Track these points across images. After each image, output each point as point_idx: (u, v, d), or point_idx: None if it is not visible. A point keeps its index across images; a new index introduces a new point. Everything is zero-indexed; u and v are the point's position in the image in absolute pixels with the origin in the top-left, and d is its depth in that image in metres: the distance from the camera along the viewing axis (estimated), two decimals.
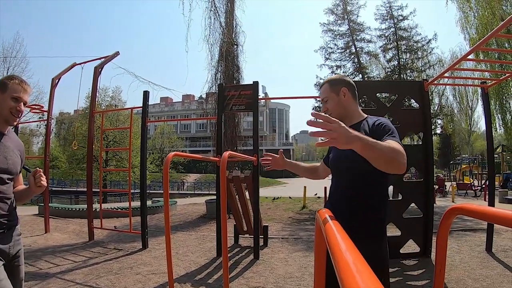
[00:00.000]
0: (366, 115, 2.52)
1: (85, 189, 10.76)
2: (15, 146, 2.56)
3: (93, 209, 9.27)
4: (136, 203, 11.31)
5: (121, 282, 5.56)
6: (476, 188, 20.97)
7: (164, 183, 3.79)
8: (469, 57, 6.66)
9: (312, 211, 13.55)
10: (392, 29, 23.06)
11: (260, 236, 7.51)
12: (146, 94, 8.30)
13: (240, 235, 8.35)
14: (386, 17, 23.28)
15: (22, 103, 2.49)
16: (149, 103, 8.53)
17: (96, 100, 10.39)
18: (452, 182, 24.52)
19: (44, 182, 2.51)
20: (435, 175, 14.08)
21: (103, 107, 30.18)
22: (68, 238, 9.16)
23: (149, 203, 13.55)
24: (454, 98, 33.86)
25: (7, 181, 2.42)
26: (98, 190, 10.05)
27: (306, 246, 7.84)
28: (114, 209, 13.45)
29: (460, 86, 28.42)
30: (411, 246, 6.71)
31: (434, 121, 20.89)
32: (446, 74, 7.31)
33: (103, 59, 9.64)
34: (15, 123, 2.57)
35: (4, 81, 2.48)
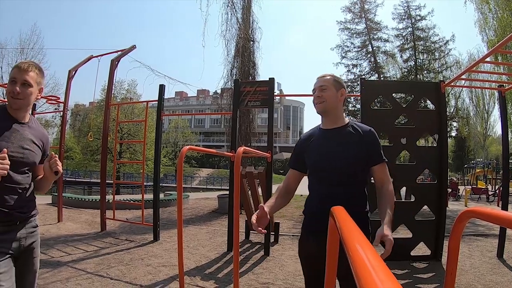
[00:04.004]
0: (349, 120, 2.67)
1: (98, 180, 10.87)
2: (36, 136, 2.49)
3: (106, 200, 9.36)
4: (149, 196, 11.38)
5: (132, 273, 5.62)
6: (490, 193, 20.67)
7: (178, 176, 3.81)
8: (487, 59, 6.57)
9: None
10: (410, 29, 22.79)
11: (271, 233, 7.52)
12: (162, 88, 8.33)
13: (251, 231, 8.36)
14: (403, 17, 23.03)
15: (19, 84, 2.35)
16: (164, 97, 8.57)
17: (112, 92, 10.46)
18: (466, 186, 24.20)
19: (59, 167, 2.42)
20: (448, 178, 13.89)
21: (119, 100, 30.37)
22: (80, 228, 9.26)
23: (161, 196, 13.62)
24: (471, 100, 33.35)
25: (23, 171, 2.38)
26: (112, 181, 10.12)
27: None
28: (127, 201, 13.53)
29: (476, 89, 28.13)
30: (421, 249, 6.64)
31: (449, 123, 20.66)
32: (463, 76, 7.24)
33: (119, 52, 9.71)
34: (17, 106, 2.38)
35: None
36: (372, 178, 2.60)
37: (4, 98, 21.95)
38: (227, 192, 10.23)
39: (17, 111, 2.40)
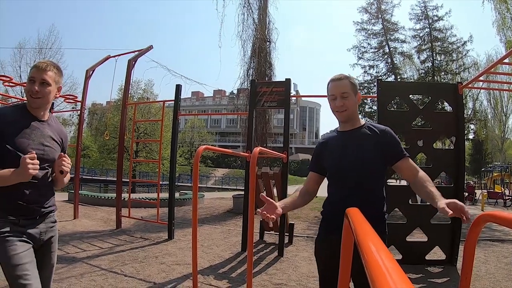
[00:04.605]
0: (365, 121, 2.67)
1: (114, 179, 11.01)
2: (55, 133, 2.57)
3: (122, 198, 9.45)
4: (164, 195, 11.44)
5: (146, 270, 5.66)
6: (506, 198, 20.33)
7: (194, 175, 3.83)
8: (505, 60, 6.44)
9: None
10: (427, 30, 22.58)
11: (286, 234, 7.50)
12: (178, 88, 8.38)
13: (265, 232, 8.36)
14: (420, 17, 22.83)
15: (38, 83, 2.41)
16: (181, 97, 8.60)
17: (129, 92, 10.56)
18: (483, 190, 23.82)
19: (64, 167, 2.48)
20: (465, 181, 13.63)
21: (135, 99, 30.60)
22: (96, 225, 9.35)
23: (176, 195, 13.69)
24: (489, 103, 32.87)
25: (43, 167, 2.44)
26: (128, 180, 10.21)
27: None
28: (142, 199, 13.62)
29: (494, 91, 27.77)
30: (436, 253, 6.55)
31: (467, 126, 20.41)
32: (481, 78, 7.13)
33: (136, 53, 9.79)
34: (36, 105, 2.45)
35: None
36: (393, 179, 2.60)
37: (23, 97, 22.35)
38: (242, 192, 10.25)
39: (37, 109, 2.47)
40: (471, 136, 24.60)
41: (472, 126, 23.10)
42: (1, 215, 2.31)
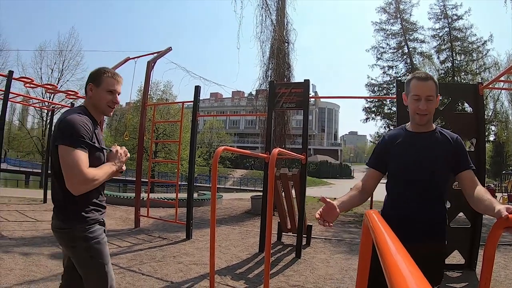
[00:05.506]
0: (436, 125, 2.59)
1: (133, 179, 11.09)
2: None
3: (141, 198, 9.53)
4: (183, 195, 11.49)
5: (163, 269, 5.71)
6: None
7: (213, 176, 3.84)
8: None
9: (357, 214, 13.36)
10: (446, 29, 22.27)
11: (304, 236, 7.48)
12: (197, 89, 8.42)
13: (283, 233, 8.34)
14: (440, 17, 22.52)
15: (117, 95, 2.61)
16: (200, 98, 8.63)
17: (148, 93, 10.64)
18: (503, 194, 23.37)
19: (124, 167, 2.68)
20: (485, 184, 13.29)
21: (155, 101, 30.86)
22: (115, 224, 9.43)
23: (195, 195, 13.77)
24: (510, 103, 32.40)
25: None
26: (147, 180, 10.26)
27: (348, 248, 7.73)
28: (161, 199, 13.69)
29: None
30: (455, 257, 6.46)
31: (487, 127, 20.10)
32: (502, 78, 7.02)
33: (156, 54, 9.86)
34: (110, 115, 2.73)
35: (97, 75, 2.57)
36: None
37: (44, 98, 22.68)
38: (261, 193, 10.25)
39: (101, 116, 2.70)
40: (491, 138, 24.18)
41: (493, 128, 22.74)
42: (92, 218, 2.48)
